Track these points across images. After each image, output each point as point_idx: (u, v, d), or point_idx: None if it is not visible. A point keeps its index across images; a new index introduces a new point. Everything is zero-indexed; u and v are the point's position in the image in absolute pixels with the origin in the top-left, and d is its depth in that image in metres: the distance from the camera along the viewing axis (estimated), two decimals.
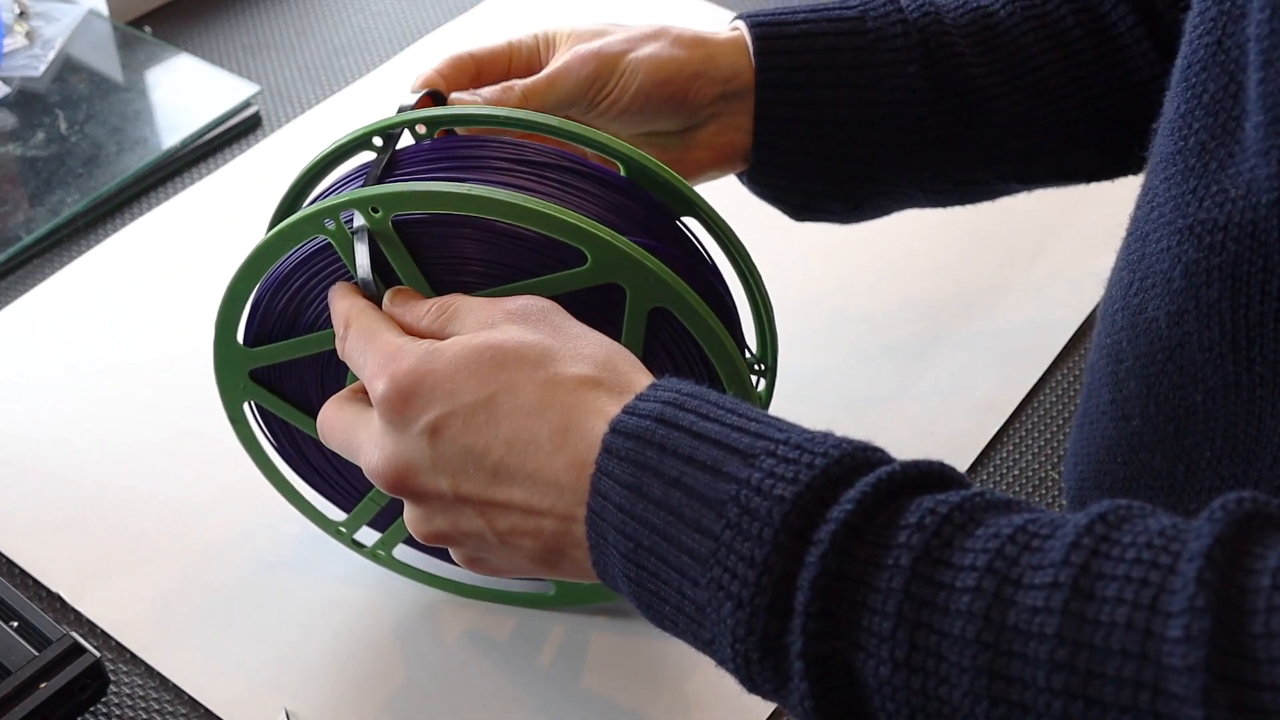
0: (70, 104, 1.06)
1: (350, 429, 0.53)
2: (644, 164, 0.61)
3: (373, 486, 0.63)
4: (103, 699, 0.70)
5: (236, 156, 1.03)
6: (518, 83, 0.63)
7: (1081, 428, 0.65)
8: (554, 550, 0.47)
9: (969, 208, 0.76)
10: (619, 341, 0.55)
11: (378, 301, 0.57)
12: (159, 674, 0.71)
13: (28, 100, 1.06)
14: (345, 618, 0.74)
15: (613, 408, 0.46)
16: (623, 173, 0.62)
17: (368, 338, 0.53)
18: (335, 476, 0.70)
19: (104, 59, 1.11)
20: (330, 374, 0.64)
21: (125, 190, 0.99)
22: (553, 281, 0.57)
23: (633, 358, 0.51)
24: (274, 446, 0.70)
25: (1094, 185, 0.77)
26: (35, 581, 0.75)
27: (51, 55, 1.10)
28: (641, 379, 0.49)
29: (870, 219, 0.74)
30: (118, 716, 0.70)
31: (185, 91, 1.08)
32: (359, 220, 0.58)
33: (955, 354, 0.88)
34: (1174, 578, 0.34)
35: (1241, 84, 0.47)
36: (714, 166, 0.70)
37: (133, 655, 0.72)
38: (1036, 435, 0.83)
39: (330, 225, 0.59)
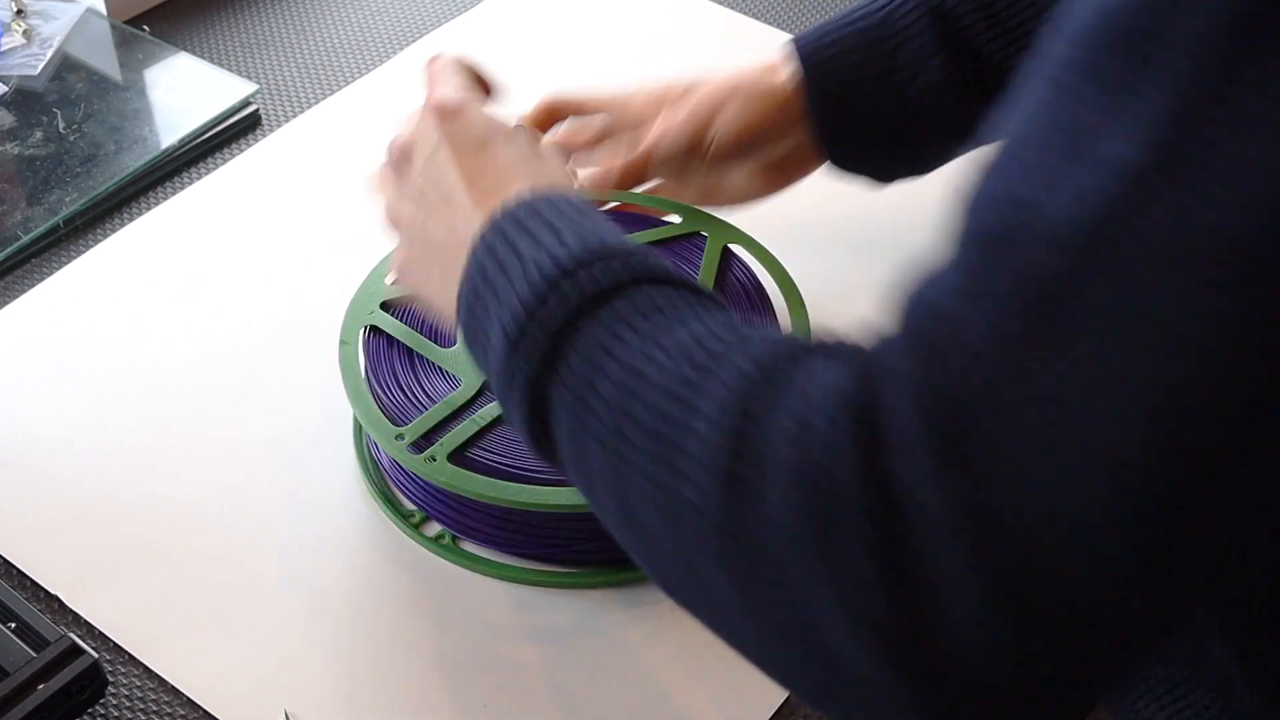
0: (68, 103, 1.05)
1: (407, 134, 0.70)
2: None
3: (436, 401, 0.76)
4: (101, 700, 0.69)
5: (236, 156, 1.03)
6: (615, 165, 0.83)
7: None
8: (451, 262, 0.62)
9: None
10: (699, 275, 0.81)
11: None
12: (158, 675, 0.71)
13: (25, 99, 1.06)
14: (345, 618, 0.74)
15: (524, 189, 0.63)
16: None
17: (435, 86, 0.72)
18: (412, 392, 0.78)
19: (102, 58, 1.11)
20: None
21: (124, 190, 0.99)
22: (654, 234, 0.84)
23: (564, 178, 0.68)
24: (369, 365, 0.79)
25: None
26: (33, 583, 0.75)
27: (49, 54, 1.09)
28: (562, 185, 0.65)
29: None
30: (116, 718, 0.70)
31: (184, 90, 1.07)
32: None
33: None
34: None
35: None
36: (792, 178, 0.87)
37: (131, 656, 0.72)
38: None
39: None
